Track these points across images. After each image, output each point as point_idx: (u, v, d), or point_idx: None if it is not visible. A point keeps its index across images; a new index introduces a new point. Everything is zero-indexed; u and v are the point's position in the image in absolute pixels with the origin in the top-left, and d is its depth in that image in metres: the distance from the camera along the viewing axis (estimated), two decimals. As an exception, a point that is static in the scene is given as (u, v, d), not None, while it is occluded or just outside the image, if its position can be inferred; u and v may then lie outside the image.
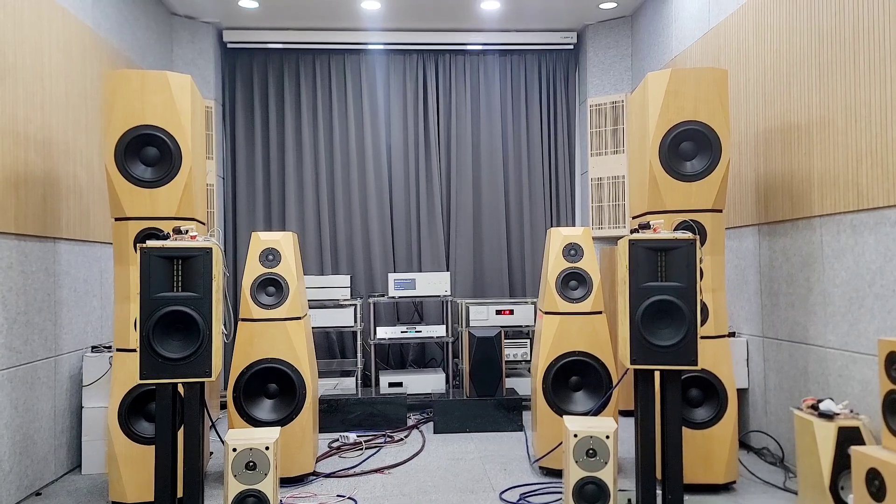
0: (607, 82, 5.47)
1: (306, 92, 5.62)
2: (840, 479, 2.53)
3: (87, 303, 3.70)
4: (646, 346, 2.55)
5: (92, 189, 3.79)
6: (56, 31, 3.43)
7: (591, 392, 3.33)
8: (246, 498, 2.50)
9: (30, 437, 3.14)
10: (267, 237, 3.41)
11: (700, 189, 3.07)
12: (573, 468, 2.63)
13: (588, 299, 3.33)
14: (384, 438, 4.03)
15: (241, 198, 5.57)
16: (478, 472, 3.41)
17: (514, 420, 4.21)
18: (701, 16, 4.21)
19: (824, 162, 3.04)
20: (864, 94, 2.77)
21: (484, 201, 5.71)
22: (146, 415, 3.00)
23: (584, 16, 5.36)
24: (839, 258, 2.95)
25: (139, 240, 3.00)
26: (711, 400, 3.06)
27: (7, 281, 2.97)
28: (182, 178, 3.03)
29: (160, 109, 3.01)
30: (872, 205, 2.72)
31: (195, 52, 5.25)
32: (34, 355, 3.18)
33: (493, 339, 4.29)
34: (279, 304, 3.32)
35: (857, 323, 2.84)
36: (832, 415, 2.62)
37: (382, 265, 5.60)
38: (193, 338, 2.45)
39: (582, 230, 3.41)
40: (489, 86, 5.74)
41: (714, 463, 3.01)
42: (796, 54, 3.24)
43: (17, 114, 3.06)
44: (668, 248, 2.58)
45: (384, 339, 4.87)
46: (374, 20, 5.34)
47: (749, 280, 3.72)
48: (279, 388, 3.32)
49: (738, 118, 3.79)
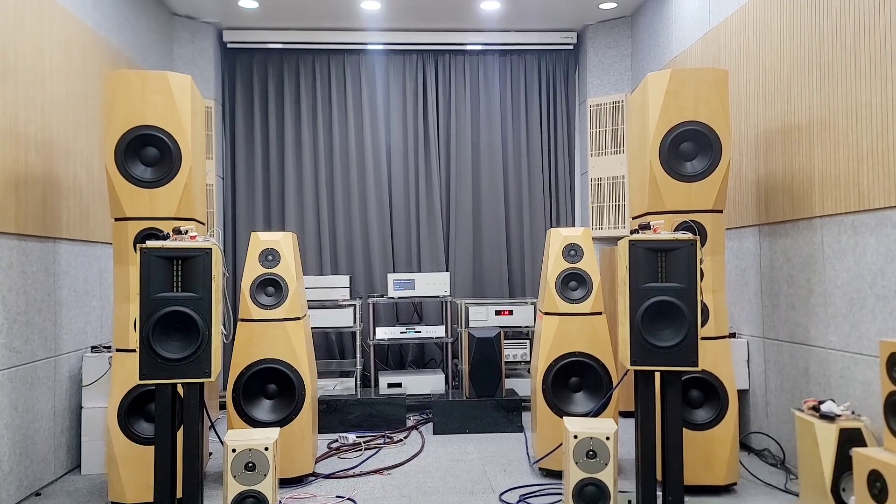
0: (607, 82, 5.47)
1: (306, 92, 5.61)
2: (841, 480, 2.52)
3: (86, 303, 3.70)
4: (646, 347, 2.55)
5: (92, 189, 3.79)
6: (57, 32, 3.43)
7: (591, 393, 3.33)
8: (245, 499, 2.50)
9: (29, 438, 3.13)
10: (266, 237, 3.41)
11: (700, 189, 3.06)
12: (573, 469, 2.62)
13: (588, 300, 3.32)
14: (383, 439, 4.02)
15: (240, 198, 5.57)
16: (477, 473, 3.40)
17: (513, 421, 4.21)
18: (701, 16, 4.21)
19: (825, 162, 3.04)
20: (864, 94, 2.77)
21: (483, 201, 5.70)
22: (146, 415, 3.00)
23: (584, 16, 5.35)
24: (840, 259, 2.95)
25: (139, 240, 3.00)
26: (712, 401, 3.05)
27: (7, 281, 2.96)
28: (182, 178, 3.03)
29: (160, 109, 3.00)
30: (873, 205, 2.72)
31: (195, 52, 5.25)
32: (34, 355, 3.18)
33: (492, 339, 4.28)
34: (278, 305, 3.31)
35: (859, 324, 2.84)
36: (833, 416, 2.61)
37: (382, 265, 5.59)
38: (193, 338, 2.45)
39: (582, 231, 3.41)
40: (489, 86, 5.73)
41: (715, 464, 3.01)
42: (797, 54, 3.24)
43: (17, 114, 3.06)
44: (668, 248, 2.57)
45: (383, 339, 4.87)
46: (373, 20, 5.34)
47: (749, 281, 3.71)
48: (278, 389, 3.31)
49: (739, 119, 3.79)
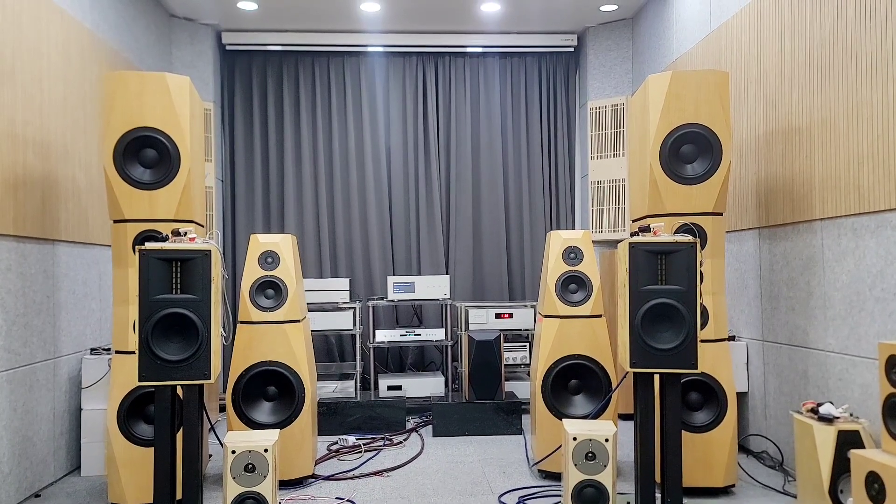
0: (608, 85, 5.47)
1: (305, 94, 5.61)
2: (839, 482, 2.52)
3: (85, 305, 3.69)
4: (645, 350, 2.55)
5: (90, 191, 3.79)
6: (55, 33, 3.43)
7: (591, 395, 3.33)
8: (245, 500, 2.49)
9: (29, 439, 3.13)
10: (266, 240, 3.40)
11: (701, 192, 3.06)
12: (572, 471, 2.62)
13: (588, 303, 3.32)
14: (383, 441, 4.02)
15: (239, 200, 5.56)
16: (477, 475, 3.40)
17: (513, 423, 4.20)
18: (702, 18, 4.21)
19: (825, 165, 3.04)
20: (865, 96, 2.77)
21: (483, 204, 5.70)
22: (145, 417, 3.00)
23: (584, 18, 5.36)
24: (840, 261, 2.95)
25: (138, 242, 2.99)
26: (711, 403, 3.05)
27: (6, 283, 2.96)
28: (181, 179, 3.02)
29: (159, 111, 3.00)
30: (873, 208, 2.72)
31: (194, 54, 5.25)
32: (33, 357, 3.17)
33: (492, 342, 4.28)
34: (278, 307, 3.31)
35: (858, 326, 2.84)
36: (832, 418, 2.61)
37: (381, 268, 5.59)
38: (192, 340, 2.44)
39: (582, 233, 3.41)
40: (489, 88, 5.74)
41: (713, 466, 3.01)
42: (798, 57, 3.24)
43: (15, 116, 3.06)
44: (668, 251, 2.57)
45: (383, 342, 4.86)
46: (373, 22, 5.34)
47: (749, 283, 3.71)
48: (278, 391, 3.31)
49: (739, 121, 3.79)
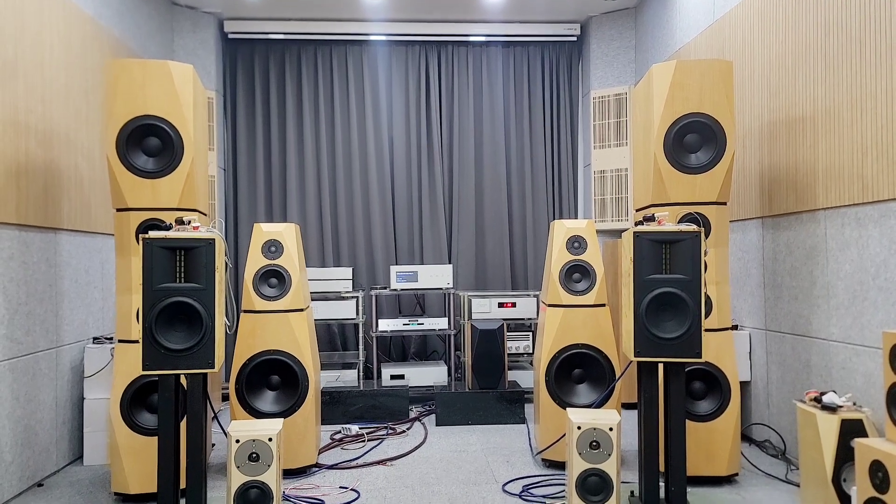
0: (611, 74, 5.44)
1: (308, 83, 5.59)
2: (843, 471, 2.53)
3: (88, 294, 3.69)
4: (649, 339, 2.55)
5: (93, 180, 3.78)
6: (57, 20, 3.41)
7: (594, 384, 3.33)
8: (249, 489, 2.50)
9: (31, 428, 3.14)
10: (269, 228, 3.40)
11: (705, 181, 3.05)
12: (576, 460, 2.63)
13: (591, 292, 3.32)
14: (386, 430, 4.03)
15: (242, 189, 5.55)
16: (480, 463, 3.41)
17: (516, 413, 4.21)
18: (706, 7, 4.18)
19: (829, 154, 3.02)
20: (870, 85, 2.76)
21: (486, 193, 5.69)
22: (148, 406, 3.00)
23: (587, 7, 5.33)
24: (843, 251, 2.94)
25: (141, 230, 2.99)
26: (714, 392, 3.05)
27: (8, 271, 2.96)
28: (184, 168, 3.01)
29: (162, 99, 2.99)
30: (877, 197, 2.71)
31: (196, 43, 5.22)
32: (35, 346, 3.18)
33: (495, 331, 4.28)
34: (281, 296, 3.31)
35: (861, 316, 2.83)
36: (835, 407, 2.61)
37: (384, 257, 5.58)
38: (196, 329, 2.44)
39: (586, 223, 3.40)
40: (492, 78, 5.71)
41: (717, 455, 3.01)
42: (802, 46, 3.22)
43: (17, 104, 3.05)
44: (672, 240, 2.57)
45: (386, 331, 4.87)
46: (376, 11, 5.32)
47: (752, 273, 3.71)
48: (281, 380, 3.31)
49: (743, 110, 3.77)
